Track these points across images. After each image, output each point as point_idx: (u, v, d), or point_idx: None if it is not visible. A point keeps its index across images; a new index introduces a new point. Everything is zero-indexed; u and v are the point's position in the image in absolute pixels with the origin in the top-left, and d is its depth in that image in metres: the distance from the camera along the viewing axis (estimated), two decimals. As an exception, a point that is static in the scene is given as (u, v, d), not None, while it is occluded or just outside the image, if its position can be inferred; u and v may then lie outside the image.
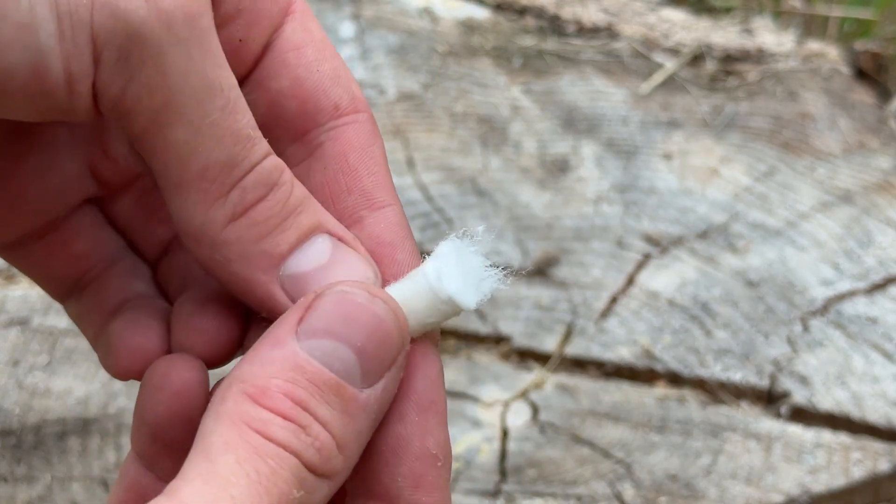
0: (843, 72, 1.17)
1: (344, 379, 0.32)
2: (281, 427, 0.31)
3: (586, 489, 0.73)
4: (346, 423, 0.32)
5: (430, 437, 0.34)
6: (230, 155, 0.33)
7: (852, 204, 0.99)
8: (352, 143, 0.38)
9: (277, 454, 0.30)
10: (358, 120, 0.38)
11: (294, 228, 0.34)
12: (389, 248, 0.37)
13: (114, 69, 0.31)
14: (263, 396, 0.31)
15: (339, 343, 0.32)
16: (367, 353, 0.33)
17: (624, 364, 0.82)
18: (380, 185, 0.38)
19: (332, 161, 0.37)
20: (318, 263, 0.35)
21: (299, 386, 0.31)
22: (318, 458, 0.31)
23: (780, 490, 0.73)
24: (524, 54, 1.18)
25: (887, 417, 0.79)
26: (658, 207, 0.98)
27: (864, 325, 0.86)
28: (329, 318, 0.33)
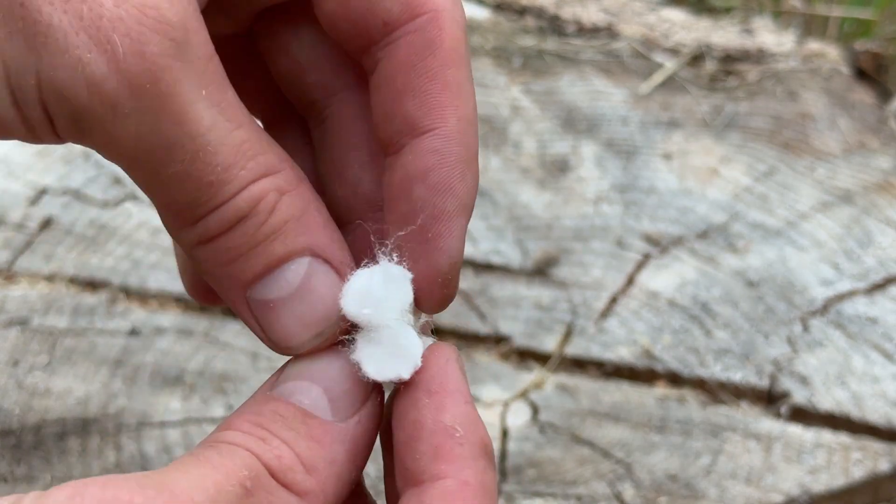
0: (843, 72, 1.17)
1: (311, 409, 0.34)
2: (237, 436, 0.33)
3: (586, 489, 0.73)
4: (312, 447, 0.33)
5: (445, 413, 0.35)
6: (192, 199, 0.33)
7: (852, 204, 0.99)
8: (401, 62, 0.35)
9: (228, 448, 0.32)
10: (414, 29, 0.35)
11: (262, 257, 0.34)
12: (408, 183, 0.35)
13: (68, 132, 0.32)
14: (229, 424, 0.34)
15: (306, 382, 0.35)
16: (335, 389, 0.35)
17: (624, 364, 0.82)
18: (425, 106, 0.35)
19: (383, 84, 0.35)
20: (282, 294, 0.35)
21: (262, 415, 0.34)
22: (278, 465, 0.32)
23: (780, 490, 0.73)
24: (524, 54, 1.18)
25: (887, 417, 0.79)
26: (658, 207, 0.98)
27: (864, 325, 0.86)
28: (298, 365, 0.35)
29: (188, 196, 0.33)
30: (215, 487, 0.31)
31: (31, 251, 0.90)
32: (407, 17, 0.35)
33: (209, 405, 0.78)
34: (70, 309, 0.85)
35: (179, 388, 0.79)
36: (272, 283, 0.35)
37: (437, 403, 0.35)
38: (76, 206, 0.94)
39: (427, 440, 0.34)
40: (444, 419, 0.34)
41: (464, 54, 0.35)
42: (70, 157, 0.99)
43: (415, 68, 0.35)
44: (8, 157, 0.99)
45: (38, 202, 0.94)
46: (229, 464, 0.32)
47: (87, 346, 0.82)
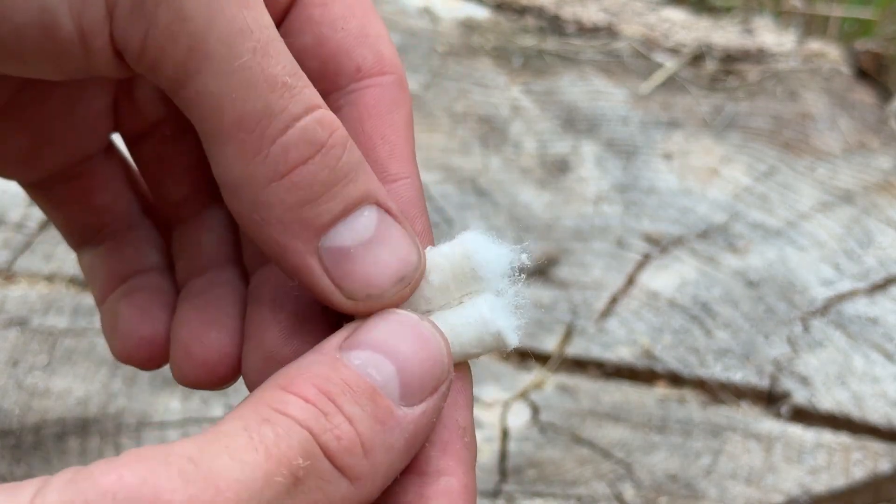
0: (843, 72, 1.16)
1: (381, 389, 0.31)
2: (299, 406, 0.30)
3: (586, 489, 0.73)
4: (375, 430, 0.31)
5: (459, 412, 0.34)
6: (266, 104, 0.31)
7: (853, 204, 0.99)
8: (369, 109, 0.35)
9: (287, 424, 0.29)
10: (382, 83, 0.35)
11: (340, 198, 0.32)
12: None
13: (129, 19, 0.29)
14: (291, 385, 0.30)
15: (381, 355, 0.32)
16: (409, 371, 0.32)
17: (624, 364, 0.82)
18: (395, 155, 0.35)
19: (348, 128, 0.34)
20: (360, 239, 0.33)
21: (331, 382, 0.31)
22: (337, 446, 0.30)
23: (781, 490, 0.73)
24: (524, 54, 1.18)
25: (888, 418, 0.79)
26: (658, 207, 0.98)
27: (864, 326, 0.86)
28: (375, 332, 0.32)
29: (262, 100, 0.30)
30: (264, 479, 0.28)
31: (31, 251, 0.90)
32: (377, 71, 0.36)
33: (209, 405, 0.78)
34: (70, 309, 0.85)
35: (179, 389, 0.79)
36: (349, 227, 0.33)
37: (453, 402, 0.34)
38: (76, 206, 0.94)
39: (438, 433, 0.33)
40: (458, 419, 0.34)
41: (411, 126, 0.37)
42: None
43: (384, 119, 0.35)
44: (8, 157, 0.99)
45: (37, 202, 0.94)
46: (284, 447, 0.29)
47: (87, 347, 0.82)
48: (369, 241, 0.33)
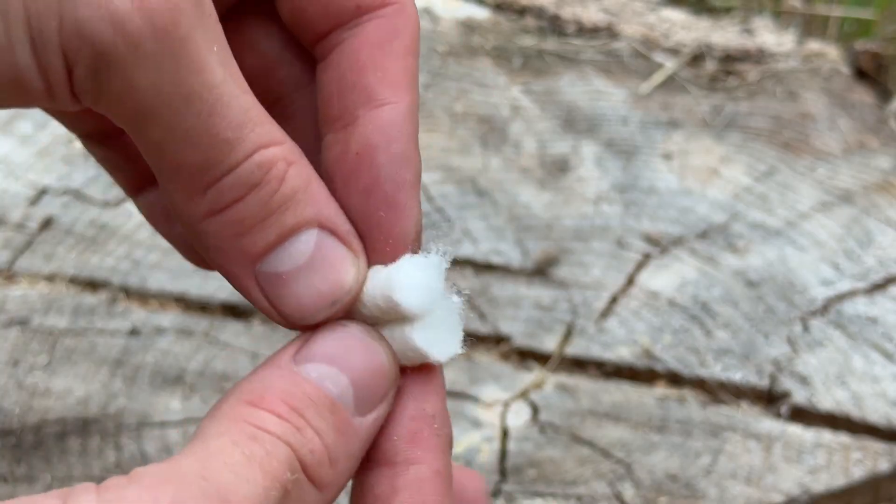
0: (843, 72, 1.17)
1: (338, 401, 0.33)
2: (275, 423, 0.32)
3: (586, 489, 0.73)
4: (338, 440, 0.33)
5: (427, 401, 0.36)
6: (205, 158, 0.33)
7: (852, 204, 0.99)
8: (368, 39, 0.36)
9: (272, 441, 0.31)
10: (383, 14, 0.36)
11: (274, 227, 0.34)
12: (371, 152, 0.36)
13: (85, 82, 0.32)
14: (261, 401, 0.32)
15: (336, 369, 0.34)
16: (361, 382, 0.34)
17: (624, 364, 0.82)
18: (385, 81, 0.36)
19: (344, 59, 0.36)
20: (294, 265, 0.35)
21: (296, 397, 0.33)
22: (311, 460, 0.32)
23: (780, 490, 0.73)
24: (524, 54, 1.18)
25: (887, 417, 0.79)
26: (658, 207, 0.98)
27: (864, 325, 0.86)
28: (327, 346, 0.34)
29: (202, 154, 0.32)
30: (264, 494, 0.30)
31: (32, 251, 0.90)
32: (378, 4, 0.37)
33: (210, 405, 0.78)
34: (70, 309, 0.85)
35: (180, 388, 0.79)
36: (283, 254, 0.34)
37: (421, 390, 0.36)
38: (76, 206, 0.94)
39: (405, 424, 0.35)
40: (425, 407, 0.36)
41: (418, 47, 0.37)
42: (70, 157, 0.99)
43: (381, 48, 0.36)
44: (8, 158, 0.99)
45: (38, 202, 0.94)
46: (275, 464, 0.31)
47: (88, 346, 0.82)
48: (303, 267, 0.34)
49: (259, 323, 0.85)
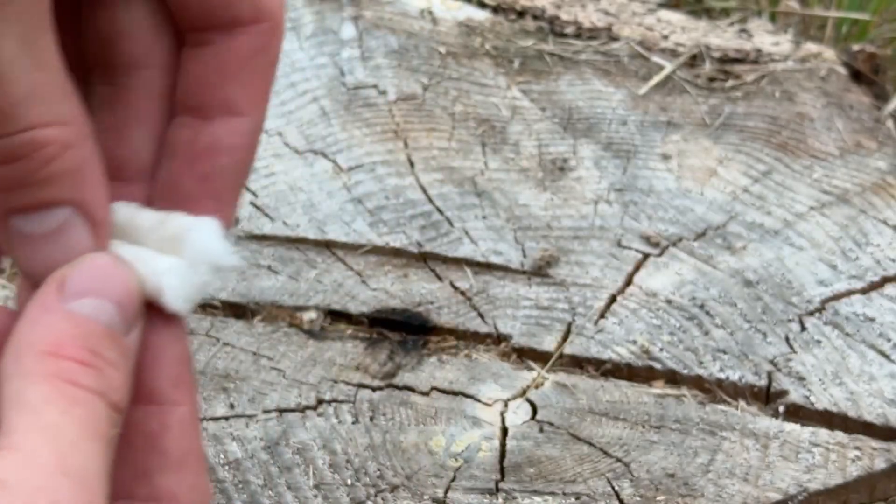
0: (840, 73, 1.17)
1: (112, 328, 0.37)
2: (85, 374, 0.35)
3: (585, 487, 0.73)
4: (123, 364, 0.37)
5: (181, 345, 0.40)
6: None
7: (849, 204, 0.99)
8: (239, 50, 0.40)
9: (91, 400, 0.35)
10: (256, 31, 0.40)
11: (29, 196, 0.37)
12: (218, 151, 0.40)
13: None
14: (61, 349, 0.35)
15: (101, 299, 0.37)
16: (124, 306, 0.38)
17: (622, 363, 0.83)
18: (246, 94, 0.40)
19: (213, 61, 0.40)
20: (40, 232, 0.38)
21: (85, 337, 0.36)
22: (117, 397, 0.36)
23: (778, 488, 0.74)
24: (524, 55, 1.19)
25: (884, 416, 0.79)
26: (656, 208, 0.98)
27: (860, 325, 0.87)
28: (86, 279, 0.37)
29: None
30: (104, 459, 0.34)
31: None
32: (252, 21, 0.40)
33: (211, 404, 0.78)
34: (73, 309, 0.85)
35: (182, 387, 0.80)
36: (32, 220, 0.38)
37: (175, 336, 0.40)
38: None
39: (169, 367, 0.39)
40: (183, 351, 0.40)
41: (277, 65, 0.41)
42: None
43: (249, 61, 0.40)
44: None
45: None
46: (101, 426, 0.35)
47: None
48: (43, 236, 0.38)
49: (260, 322, 0.86)
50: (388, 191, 0.99)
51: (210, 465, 0.74)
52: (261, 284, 0.88)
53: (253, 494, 0.72)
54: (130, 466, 0.38)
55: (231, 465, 0.74)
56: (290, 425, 0.77)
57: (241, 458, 0.74)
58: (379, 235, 0.93)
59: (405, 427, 0.77)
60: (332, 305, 0.86)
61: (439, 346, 0.84)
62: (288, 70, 1.14)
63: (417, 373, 0.81)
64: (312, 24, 1.22)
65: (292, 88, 1.12)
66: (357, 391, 0.79)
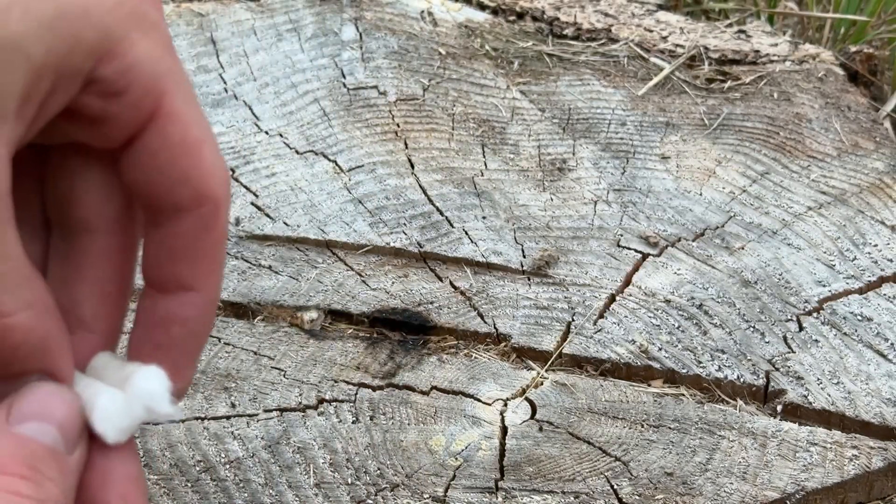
0: (837, 74, 1.18)
1: (56, 448, 0.41)
2: (23, 485, 0.40)
3: (584, 486, 0.74)
4: (63, 481, 0.41)
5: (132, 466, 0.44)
6: None
7: (847, 204, 1.00)
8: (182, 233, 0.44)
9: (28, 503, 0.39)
10: (196, 214, 0.43)
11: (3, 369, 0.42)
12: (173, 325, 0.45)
13: None
14: (5, 466, 0.40)
15: (44, 423, 0.42)
16: (65, 428, 0.42)
17: (621, 363, 0.83)
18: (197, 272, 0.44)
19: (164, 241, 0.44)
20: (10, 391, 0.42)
21: (26, 456, 0.40)
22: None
23: (775, 487, 0.74)
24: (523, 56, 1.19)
25: (881, 415, 0.80)
26: (655, 208, 0.99)
27: (858, 324, 0.87)
28: (31, 405, 0.42)
29: None
30: None
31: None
32: (195, 206, 0.43)
33: (212, 403, 0.79)
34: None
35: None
36: (8, 386, 0.42)
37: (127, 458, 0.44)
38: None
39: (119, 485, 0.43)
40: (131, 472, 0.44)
41: (226, 241, 0.45)
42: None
43: (194, 243, 0.44)
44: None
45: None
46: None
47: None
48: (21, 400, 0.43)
49: (261, 322, 0.86)
50: (388, 191, 0.99)
51: (211, 463, 0.74)
52: (262, 284, 0.88)
53: (254, 493, 0.73)
54: None
55: (232, 465, 0.74)
56: (291, 424, 0.77)
57: (242, 457, 0.75)
58: (379, 235, 0.94)
59: (405, 426, 0.77)
60: (333, 305, 0.87)
61: (439, 345, 0.85)
62: (289, 71, 1.14)
63: (417, 372, 0.82)
64: (313, 25, 1.22)
65: (293, 89, 1.12)
66: (357, 390, 0.80)
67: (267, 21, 1.23)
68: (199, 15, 1.23)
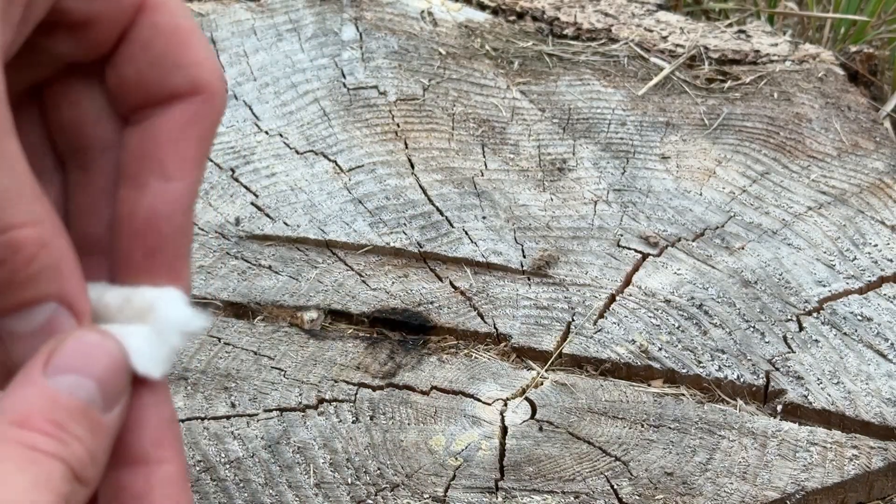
0: (837, 74, 1.18)
1: (90, 405, 0.39)
2: (46, 441, 0.37)
3: (584, 486, 0.74)
4: (94, 441, 0.39)
5: (165, 408, 0.41)
6: None
7: (847, 204, 1.00)
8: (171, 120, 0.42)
9: (49, 461, 0.37)
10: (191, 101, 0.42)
11: (13, 297, 0.39)
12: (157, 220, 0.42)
13: None
14: (28, 421, 0.37)
15: (82, 376, 0.39)
16: (106, 384, 0.39)
17: (621, 363, 0.83)
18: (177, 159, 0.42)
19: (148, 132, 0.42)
20: (28, 329, 0.40)
21: (55, 411, 0.38)
22: (79, 466, 0.37)
23: (775, 487, 0.74)
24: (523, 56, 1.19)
25: (881, 415, 0.80)
26: (655, 208, 0.99)
27: (858, 324, 0.87)
28: (70, 356, 0.39)
29: None
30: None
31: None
32: (189, 93, 0.42)
33: (212, 403, 0.79)
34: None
35: (182, 387, 0.80)
36: (21, 318, 0.40)
37: (156, 400, 0.41)
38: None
39: (153, 428, 0.41)
40: (165, 413, 0.41)
41: (215, 132, 0.43)
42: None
43: (181, 130, 0.42)
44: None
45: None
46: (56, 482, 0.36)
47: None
48: (33, 333, 0.40)
49: (261, 322, 0.86)
50: (388, 191, 0.99)
51: (211, 463, 0.74)
52: (262, 284, 0.88)
53: (254, 493, 0.73)
54: None
55: (232, 464, 0.74)
56: (291, 424, 0.77)
57: (243, 457, 0.75)
58: (379, 235, 0.94)
59: (405, 426, 0.77)
60: (333, 305, 0.87)
61: (439, 345, 0.85)
62: (289, 71, 1.14)
63: (417, 372, 0.82)
64: (313, 25, 1.22)
65: (293, 89, 1.12)
66: (357, 390, 0.80)
67: (267, 21, 1.23)
68: (200, 15, 1.23)
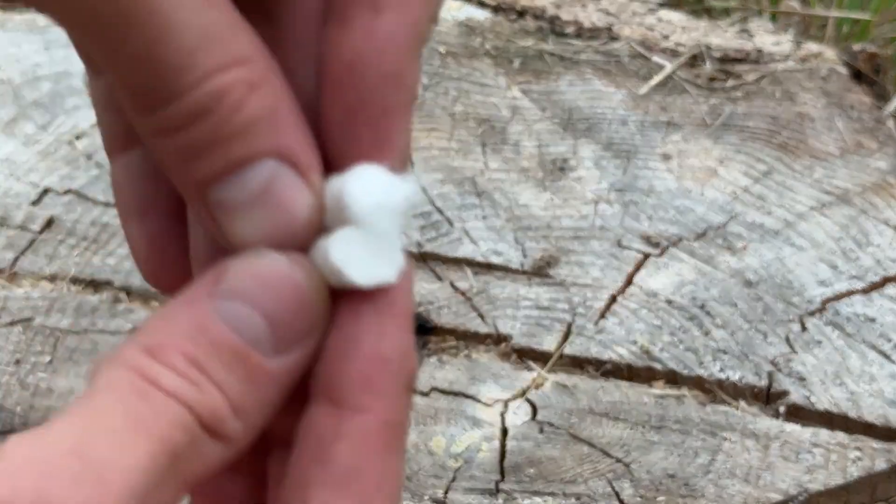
0: (840, 73, 1.17)
1: (252, 346, 0.30)
2: (171, 378, 0.29)
3: (585, 488, 0.73)
4: (247, 391, 0.30)
5: (385, 340, 0.32)
6: (151, 84, 0.29)
7: (850, 204, 0.99)
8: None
9: (164, 400, 0.29)
10: None
11: (223, 157, 0.30)
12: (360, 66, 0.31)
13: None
14: (159, 352, 0.30)
15: (252, 308, 0.30)
16: (280, 321, 0.31)
17: (623, 363, 0.83)
18: None
19: None
20: (245, 197, 0.31)
21: (198, 346, 0.30)
22: (210, 416, 0.29)
23: (778, 489, 0.74)
24: (524, 55, 1.19)
25: (884, 416, 0.79)
26: (657, 208, 0.98)
27: (861, 325, 0.87)
28: (242, 281, 0.31)
29: (147, 80, 0.29)
30: (149, 461, 0.28)
31: (34, 251, 0.90)
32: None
33: (211, 404, 0.78)
34: (72, 309, 0.85)
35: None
36: (233, 185, 0.31)
37: (379, 327, 0.32)
38: (78, 206, 0.95)
39: (359, 365, 0.31)
40: (382, 348, 0.31)
41: None
42: (73, 158, 1.00)
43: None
44: (11, 158, 0.99)
45: (40, 202, 0.95)
46: (164, 426, 0.28)
47: (90, 346, 0.82)
48: (251, 201, 0.31)
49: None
50: (388, 191, 0.98)
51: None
52: (260, 284, 0.88)
53: (252, 495, 0.72)
54: (291, 474, 0.31)
55: (230, 466, 0.74)
56: (290, 426, 0.77)
57: (241, 459, 0.74)
58: (379, 235, 0.93)
59: (405, 427, 0.77)
60: (332, 305, 0.86)
61: (439, 346, 0.84)
62: (288, 70, 1.14)
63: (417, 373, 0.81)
64: (312, 23, 1.22)
65: (292, 88, 1.12)
66: (357, 391, 0.79)
67: (266, 20, 1.22)
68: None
